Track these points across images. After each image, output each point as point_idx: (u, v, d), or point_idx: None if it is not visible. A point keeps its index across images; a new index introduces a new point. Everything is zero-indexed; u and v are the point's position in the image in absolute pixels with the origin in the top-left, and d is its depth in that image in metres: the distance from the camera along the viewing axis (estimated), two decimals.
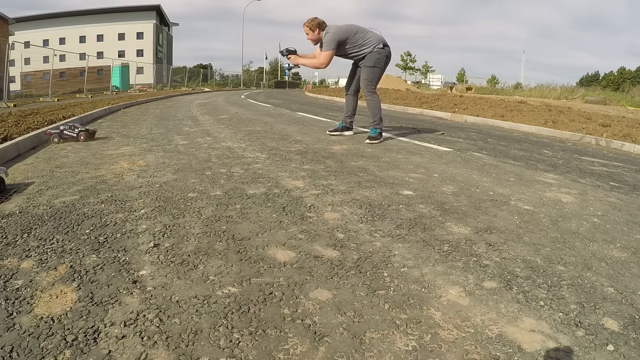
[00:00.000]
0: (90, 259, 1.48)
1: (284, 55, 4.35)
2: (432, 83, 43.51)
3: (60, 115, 5.77)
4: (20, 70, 30.40)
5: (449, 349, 1.04)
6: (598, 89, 24.54)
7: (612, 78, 50.01)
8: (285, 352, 1.02)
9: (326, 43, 4.12)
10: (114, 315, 1.15)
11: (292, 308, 1.21)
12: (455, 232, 1.82)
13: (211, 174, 2.74)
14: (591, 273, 1.49)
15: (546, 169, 3.33)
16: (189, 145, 3.91)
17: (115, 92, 16.88)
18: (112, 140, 4.25)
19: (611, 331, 1.14)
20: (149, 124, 5.72)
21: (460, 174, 2.94)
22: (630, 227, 1.99)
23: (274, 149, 3.74)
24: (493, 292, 1.33)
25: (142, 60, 33.80)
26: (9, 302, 1.20)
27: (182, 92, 19.09)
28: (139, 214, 1.95)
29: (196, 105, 10.11)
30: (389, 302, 1.25)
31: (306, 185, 2.51)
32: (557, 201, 2.37)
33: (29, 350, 1.00)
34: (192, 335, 1.07)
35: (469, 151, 3.99)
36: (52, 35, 39.96)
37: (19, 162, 3.15)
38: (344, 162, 3.25)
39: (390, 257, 1.55)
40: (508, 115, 7.56)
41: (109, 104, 8.61)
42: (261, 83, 41.05)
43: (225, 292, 1.28)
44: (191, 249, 1.59)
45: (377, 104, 4.37)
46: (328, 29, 4.18)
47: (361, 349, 1.04)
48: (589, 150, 4.76)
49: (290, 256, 1.54)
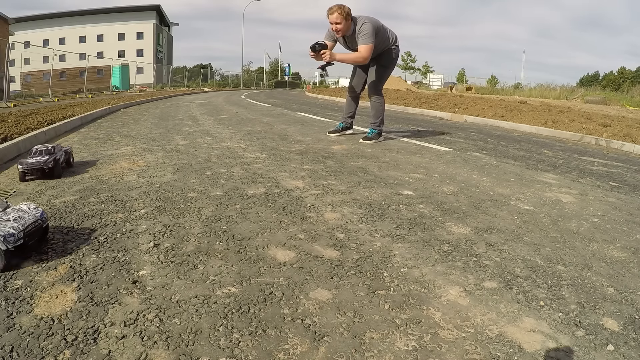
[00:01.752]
0: (90, 259, 1.48)
1: (317, 50, 3.70)
2: (432, 83, 43.52)
3: (61, 115, 5.77)
4: (20, 70, 30.38)
5: (449, 349, 1.04)
6: (598, 89, 24.54)
7: (612, 78, 50.00)
8: (285, 352, 1.02)
9: (367, 35, 3.72)
10: (114, 315, 1.15)
11: (292, 308, 1.21)
12: (455, 232, 1.82)
13: (211, 174, 2.74)
14: (591, 273, 1.49)
15: (546, 169, 3.33)
16: (189, 145, 3.91)
17: (115, 92, 16.88)
18: (112, 140, 4.24)
19: (611, 331, 1.14)
20: (149, 124, 5.72)
21: (460, 174, 2.94)
22: (630, 227, 1.99)
23: (274, 149, 3.74)
24: (493, 292, 1.33)
25: (142, 60, 33.81)
26: (9, 302, 1.20)
27: (182, 92, 19.09)
28: (139, 214, 1.95)
29: (196, 105, 10.11)
30: (389, 302, 1.25)
31: (306, 185, 2.51)
32: (557, 201, 2.37)
33: (29, 350, 1.00)
34: (192, 335, 1.07)
35: (469, 151, 3.99)
36: (52, 35, 39.96)
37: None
38: (344, 162, 3.25)
39: (390, 257, 1.55)
40: (508, 115, 7.56)
41: (109, 104, 8.61)
42: (261, 83, 41.04)
43: (225, 292, 1.28)
44: (191, 249, 1.59)
45: (383, 105, 4.31)
46: (363, 19, 3.79)
47: (361, 349, 1.04)
48: (589, 150, 4.76)
49: (290, 256, 1.54)
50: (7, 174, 2.75)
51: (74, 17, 41.93)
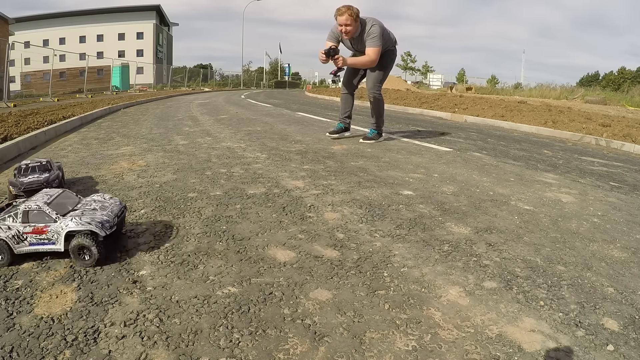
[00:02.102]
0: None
1: (331, 56, 3.64)
2: (432, 83, 43.48)
3: (61, 115, 5.77)
4: (20, 70, 30.37)
5: (449, 349, 1.04)
6: (598, 89, 24.53)
7: (612, 78, 49.97)
8: (285, 352, 1.02)
9: (377, 37, 3.73)
10: (114, 315, 1.15)
11: (292, 308, 1.21)
12: (455, 232, 1.82)
13: (211, 174, 2.74)
14: (591, 273, 1.49)
15: (546, 169, 3.33)
16: (189, 145, 3.91)
17: (115, 92, 16.88)
18: (112, 140, 4.24)
19: (611, 331, 1.14)
20: (149, 124, 5.72)
21: (460, 174, 2.94)
22: (630, 227, 1.99)
23: (274, 149, 3.74)
24: (493, 292, 1.33)
25: (142, 60, 33.80)
26: (9, 302, 1.20)
27: (182, 92, 19.10)
28: (139, 214, 1.95)
29: (196, 105, 10.11)
30: (389, 302, 1.25)
31: (306, 185, 2.51)
32: (557, 201, 2.37)
33: (29, 350, 1.00)
34: (192, 335, 1.07)
35: (469, 151, 3.99)
36: (52, 35, 39.96)
37: (19, 162, 3.14)
38: (344, 162, 3.25)
39: (390, 257, 1.55)
40: (508, 115, 7.56)
41: (109, 104, 8.61)
42: (261, 83, 41.04)
43: (225, 292, 1.28)
44: (191, 249, 1.59)
45: (383, 104, 4.31)
46: (371, 20, 3.76)
47: (361, 349, 1.04)
48: (589, 150, 4.76)
49: (290, 256, 1.54)
50: (7, 174, 2.75)
51: (74, 17, 41.93)
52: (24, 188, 2.02)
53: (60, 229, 1.42)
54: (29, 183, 2.04)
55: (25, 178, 2.08)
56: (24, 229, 1.42)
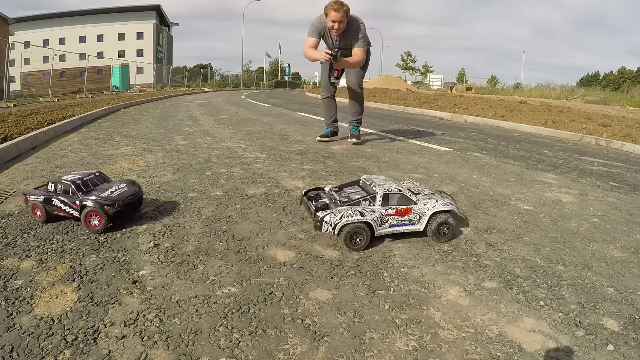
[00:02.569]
0: (90, 259, 1.48)
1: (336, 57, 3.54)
2: (432, 83, 43.47)
3: (61, 115, 5.77)
4: (20, 70, 30.38)
5: (449, 349, 1.04)
6: (598, 89, 24.54)
7: (612, 78, 49.96)
8: (285, 352, 1.02)
9: (365, 37, 3.73)
10: (114, 315, 1.15)
11: (292, 308, 1.21)
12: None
13: (211, 174, 2.74)
14: (591, 273, 1.49)
15: (546, 169, 3.33)
16: (189, 145, 3.90)
17: (115, 92, 16.88)
18: (112, 140, 4.24)
19: (611, 331, 1.14)
20: (149, 124, 5.72)
21: (460, 174, 2.94)
22: (630, 227, 1.99)
23: (274, 149, 3.74)
24: (493, 292, 1.33)
25: (142, 60, 33.80)
26: (9, 302, 1.20)
27: (182, 92, 19.09)
28: (139, 214, 1.95)
29: (196, 105, 10.11)
30: (389, 302, 1.25)
31: (306, 185, 2.51)
32: (557, 201, 2.37)
33: (29, 350, 1.00)
34: (192, 335, 1.07)
35: (469, 151, 3.99)
36: (52, 35, 39.96)
37: (18, 162, 3.14)
38: (344, 162, 3.25)
39: (390, 257, 1.55)
40: (508, 115, 7.56)
41: (109, 104, 8.61)
42: (261, 83, 41.03)
43: (225, 292, 1.28)
44: (191, 249, 1.59)
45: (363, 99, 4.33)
46: (358, 18, 3.72)
47: (361, 349, 1.04)
48: (589, 150, 4.76)
49: (290, 256, 1.55)
50: (7, 174, 2.75)
51: (74, 17, 41.93)
52: (124, 202, 1.73)
53: (426, 209, 1.66)
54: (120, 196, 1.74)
55: (105, 193, 1.74)
56: (386, 211, 1.63)
